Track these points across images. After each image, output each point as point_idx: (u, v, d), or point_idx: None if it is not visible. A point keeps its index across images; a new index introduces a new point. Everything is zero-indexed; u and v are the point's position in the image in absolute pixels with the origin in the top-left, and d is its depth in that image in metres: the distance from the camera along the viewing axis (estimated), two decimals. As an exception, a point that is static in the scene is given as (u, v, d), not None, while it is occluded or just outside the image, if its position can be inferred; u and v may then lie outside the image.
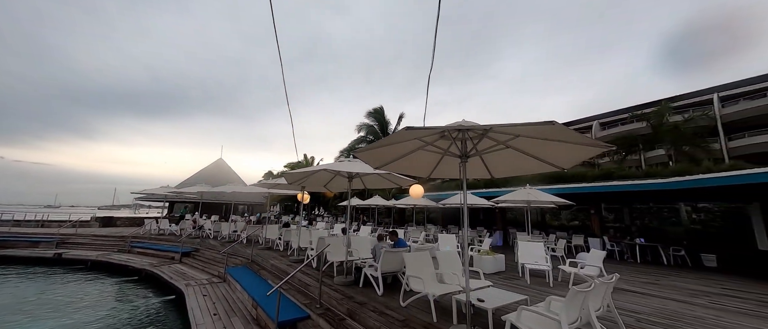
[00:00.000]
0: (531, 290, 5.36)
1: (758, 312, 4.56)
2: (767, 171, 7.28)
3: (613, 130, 28.11)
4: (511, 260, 7.78)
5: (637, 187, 10.51)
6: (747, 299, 5.34)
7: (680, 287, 6.14)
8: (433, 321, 3.59)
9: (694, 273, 8.14)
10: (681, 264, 9.63)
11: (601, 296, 3.19)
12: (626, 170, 15.14)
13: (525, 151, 3.81)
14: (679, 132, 16.27)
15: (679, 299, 5.14)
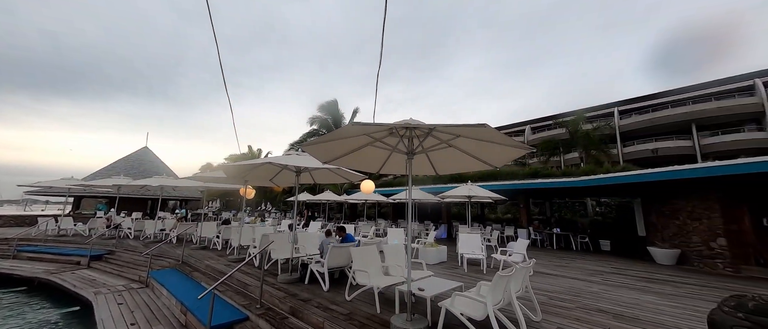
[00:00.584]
0: (467, 277, 5.87)
1: (635, 285, 5.71)
2: (646, 173, 9.11)
3: (541, 134, 32.04)
4: (454, 251, 8.39)
5: (555, 185, 12.17)
6: (628, 275, 6.66)
7: (583, 268, 7.36)
8: (376, 313, 3.70)
9: (594, 256, 9.83)
10: (585, 249, 11.52)
11: (520, 279, 3.65)
12: (549, 170, 17.38)
13: (465, 150, 4.12)
14: (590, 138, 19.33)
15: (581, 278, 6.16)
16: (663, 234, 9.35)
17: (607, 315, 3.91)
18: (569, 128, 20.43)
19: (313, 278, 5.06)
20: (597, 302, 4.45)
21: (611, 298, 4.69)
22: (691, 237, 8.31)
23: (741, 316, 1.84)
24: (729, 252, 7.49)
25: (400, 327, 3.08)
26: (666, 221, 9.27)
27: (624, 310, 4.09)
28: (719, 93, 24.83)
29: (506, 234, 13.14)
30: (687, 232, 8.44)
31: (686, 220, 8.51)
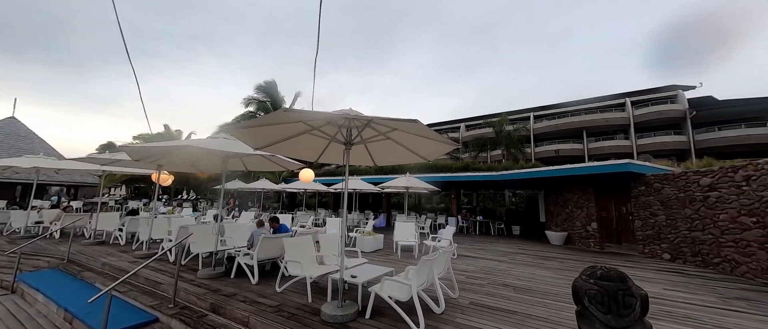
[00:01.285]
0: (400, 263, 6.24)
1: (533, 262, 6.89)
2: (547, 170, 10.93)
3: (473, 132, 35.37)
4: (391, 239, 8.78)
5: (481, 178, 13.66)
6: (529, 254, 7.98)
7: (497, 250, 8.54)
8: (308, 302, 3.68)
9: (507, 239, 11.47)
10: (501, 234, 13.33)
11: (443, 262, 4.06)
12: (478, 165, 19.35)
13: (401, 143, 4.32)
14: (511, 138, 22.18)
15: (494, 259, 7.14)
16: (557, 220, 11.42)
17: (510, 288, 4.65)
18: (495, 128, 23.01)
19: (241, 272, 4.73)
20: (504, 278, 5.24)
21: (515, 274, 5.57)
22: (575, 222, 10.35)
23: (592, 282, 2.39)
24: (599, 233, 9.59)
25: (330, 313, 3.13)
26: (559, 209, 11.32)
27: (523, 283, 4.92)
28: (603, 107, 30.98)
29: (438, 222, 14.31)
30: (572, 218, 10.48)
31: (573, 209, 10.55)
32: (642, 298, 2.28)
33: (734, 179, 5.98)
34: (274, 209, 18.70)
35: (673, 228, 7.44)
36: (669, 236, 7.56)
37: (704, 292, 4.68)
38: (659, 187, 7.94)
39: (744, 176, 5.78)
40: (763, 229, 5.36)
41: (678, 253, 7.29)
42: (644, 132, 27.91)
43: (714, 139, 24.08)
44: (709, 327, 3.32)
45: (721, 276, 5.87)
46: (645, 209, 8.40)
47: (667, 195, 7.70)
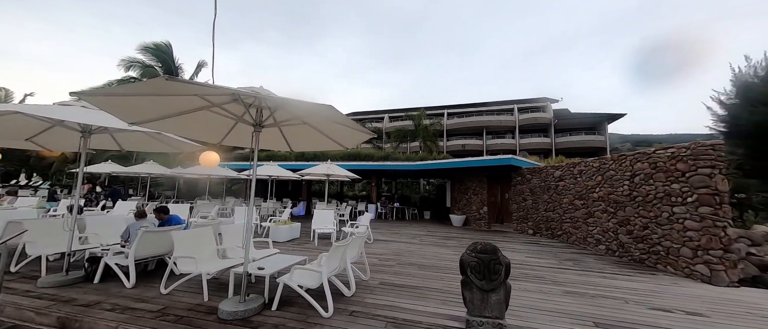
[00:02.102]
0: (316, 251, 6.16)
1: (438, 242, 7.82)
2: (453, 162, 12.47)
3: (396, 123, 37.20)
4: (309, 227, 8.54)
5: (400, 167, 14.55)
6: (436, 236, 9.02)
7: (409, 233, 9.35)
8: (203, 301, 3.27)
9: (419, 223, 12.68)
10: (415, 219, 14.63)
11: (357, 247, 4.20)
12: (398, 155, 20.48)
13: (319, 129, 4.19)
14: (427, 132, 24.28)
15: (406, 241, 7.81)
16: (459, 205, 13.22)
17: (416, 266, 5.18)
18: (415, 122, 24.75)
19: (111, 274, 3.83)
20: (411, 258, 5.80)
21: (421, 254, 6.23)
22: (472, 206, 12.19)
23: (473, 256, 2.88)
24: (488, 215, 11.57)
25: (229, 310, 2.86)
26: (461, 196, 13.12)
27: (427, 262, 5.55)
28: (498, 110, 36.92)
29: (359, 209, 14.67)
30: (470, 203, 12.32)
31: (471, 195, 12.38)
32: (506, 265, 2.87)
33: (573, 172, 8.06)
34: (167, 198, 15.71)
35: (536, 210, 9.60)
36: (533, 216, 9.72)
37: (549, 257, 6.25)
38: (529, 178, 10.06)
39: (578, 170, 7.86)
40: (586, 209, 7.44)
41: (537, 229, 9.46)
42: (524, 133, 34.68)
43: (566, 142, 31.81)
44: (548, 281, 4.45)
45: (562, 244, 7.92)
46: (519, 195, 10.54)
47: (534, 184, 9.82)
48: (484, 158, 11.45)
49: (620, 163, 6.41)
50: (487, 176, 11.89)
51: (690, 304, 3.62)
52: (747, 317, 3.28)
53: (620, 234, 6.29)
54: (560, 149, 31.08)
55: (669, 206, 5.21)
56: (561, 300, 3.64)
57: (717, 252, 4.50)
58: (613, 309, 3.38)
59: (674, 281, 4.59)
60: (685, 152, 5.05)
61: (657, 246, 5.41)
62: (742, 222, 9.48)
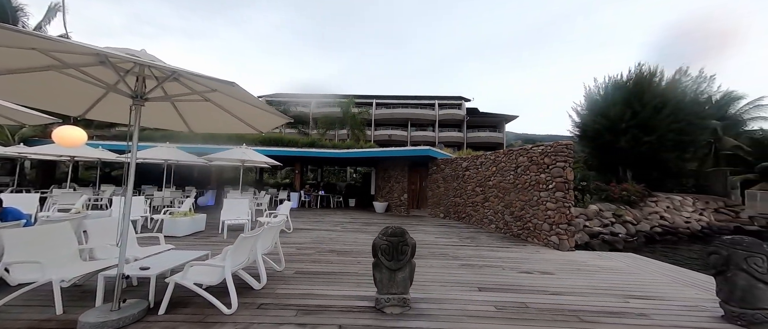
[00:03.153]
0: (224, 244, 5.57)
1: (360, 229, 8.06)
2: (378, 151, 12.93)
3: (324, 110, 36.01)
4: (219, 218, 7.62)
5: (326, 155, 14.25)
6: (358, 222, 9.27)
7: (332, 221, 9.35)
8: (55, 315, 2.59)
9: (344, 211, 12.78)
10: (340, 207, 14.67)
11: (271, 237, 3.98)
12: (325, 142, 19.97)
13: (226, 109, 3.72)
14: (355, 120, 24.33)
15: (329, 229, 7.79)
16: (382, 192, 13.85)
17: (335, 253, 5.24)
18: (343, 109, 24.45)
19: None
20: (331, 245, 5.83)
21: (342, 241, 6.33)
22: (393, 194, 12.94)
23: (384, 239, 3.08)
24: (408, 202, 12.49)
25: (94, 321, 2.34)
26: (385, 183, 13.76)
27: (347, 247, 5.67)
28: (422, 105, 39.64)
29: (280, 198, 13.83)
30: (393, 190, 13.05)
31: (393, 183, 13.11)
32: (412, 246, 3.17)
33: (476, 163, 9.39)
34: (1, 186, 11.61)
35: (447, 196, 10.85)
36: (445, 201, 10.96)
37: (453, 236, 7.20)
38: (443, 168, 11.25)
39: (480, 162, 9.19)
40: (484, 195, 8.80)
41: (448, 213, 10.73)
42: (443, 127, 38.34)
43: (475, 137, 36.61)
44: (450, 256, 5.15)
45: (465, 225, 9.21)
46: (434, 183, 11.70)
47: (446, 173, 11.04)
48: (407, 148, 12.25)
49: (508, 157, 7.77)
50: (409, 165, 12.76)
51: (544, 266, 4.74)
52: (579, 272, 4.48)
53: (506, 215, 7.69)
54: (470, 143, 35.62)
55: (538, 191, 6.62)
56: (457, 272, 4.27)
57: (564, 226, 5.98)
58: (494, 275, 4.16)
59: (537, 250, 5.92)
60: (550, 149, 6.46)
61: (529, 223, 6.84)
62: (583, 203, 12.78)
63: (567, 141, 6.46)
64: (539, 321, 2.79)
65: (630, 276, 4.26)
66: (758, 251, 2.81)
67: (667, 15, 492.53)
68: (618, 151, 17.22)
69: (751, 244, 2.87)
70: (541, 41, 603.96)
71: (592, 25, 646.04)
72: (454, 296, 3.37)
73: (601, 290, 3.67)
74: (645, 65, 17.94)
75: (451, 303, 3.17)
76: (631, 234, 12.11)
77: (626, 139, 16.74)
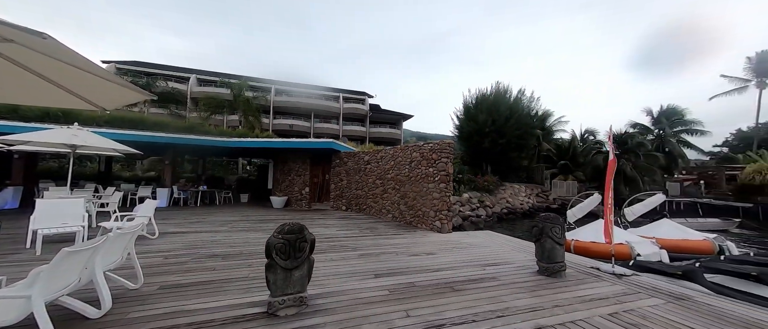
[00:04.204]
0: (36, 262, 3.93)
1: (252, 227, 7.22)
2: (279, 141, 11.92)
3: (207, 89, 30.30)
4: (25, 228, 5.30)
5: (210, 143, 12.06)
6: (250, 220, 8.30)
7: (217, 220, 8.03)
8: None
9: (233, 208, 11.19)
10: (228, 203, 12.77)
11: (120, 247, 3.05)
12: (209, 127, 16.88)
13: (37, 72, 2.58)
14: (250, 105, 21.55)
15: (210, 230, 6.64)
16: (281, 186, 12.86)
17: (218, 258, 4.51)
18: (234, 91, 21.25)
19: None
20: (213, 249, 5.00)
21: (228, 242, 5.51)
22: (294, 187, 12.23)
23: (280, 237, 2.85)
24: (309, 196, 12.05)
25: None
26: (284, 177, 12.82)
27: (234, 250, 4.97)
28: (327, 96, 38.89)
29: (140, 196, 10.87)
30: (293, 184, 12.31)
31: (294, 176, 12.37)
32: (311, 242, 3.05)
33: (376, 158, 9.92)
34: None
35: (349, 189, 11.06)
36: (347, 194, 11.14)
37: (353, 227, 7.42)
38: (346, 161, 11.38)
39: (380, 156, 9.76)
40: (383, 187, 9.42)
41: (350, 205, 10.96)
42: (347, 121, 38.78)
43: (377, 132, 38.70)
44: (349, 248, 5.27)
45: (366, 216, 9.62)
46: (337, 176, 11.71)
47: (350, 166, 11.22)
48: (310, 140, 11.74)
49: (404, 152, 8.56)
50: (312, 158, 12.29)
51: (429, 248, 5.48)
52: (453, 250, 5.38)
53: (401, 205, 8.48)
54: (372, 138, 37.44)
55: (427, 183, 7.58)
56: (355, 262, 4.41)
57: (445, 212, 7.07)
58: (389, 261, 4.51)
59: (424, 234, 6.79)
60: (437, 147, 7.48)
61: (419, 211, 7.76)
62: (458, 192, 15.49)
63: (449, 140, 7.62)
64: (423, 296, 3.20)
65: (487, 249, 5.44)
66: (557, 223, 4.07)
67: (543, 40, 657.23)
68: (483, 150, 21.66)
69: (554, 218, 4.12)
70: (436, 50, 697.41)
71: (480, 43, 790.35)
72: (351, 286, 3.46)
73: (468, 262, 4.54)
74: (501, 84, 23.11)
75: (347, 293, 3.24)
76: (489, 215, 15.53)
77: (488, 140, 21.23)
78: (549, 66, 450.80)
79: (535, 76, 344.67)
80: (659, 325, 2.65)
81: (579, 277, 3.91)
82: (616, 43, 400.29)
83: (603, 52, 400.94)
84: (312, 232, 3.06)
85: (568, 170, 25.11)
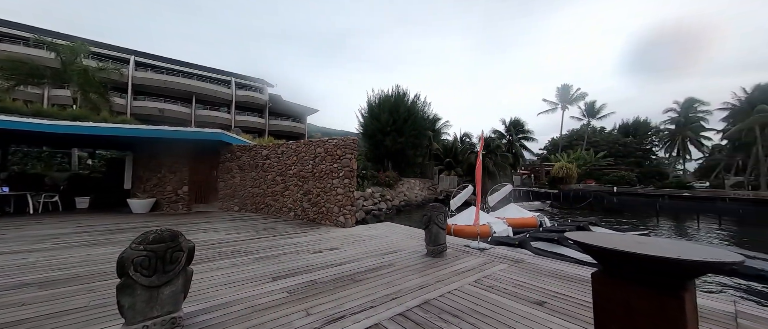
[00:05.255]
0: None
1: (96, 240, 5.43)
2: (141, 129, 9.35)
3: (9, 46, 20.82)
4: None
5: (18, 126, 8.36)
6: (94, 231, 6.22)
7: (28, 236, 5.65)
8: None
9: (62, 216, 8.12)
10: (52, 210, 9.19)
11: None
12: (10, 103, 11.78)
13: None
14: (91, 78, 16.00)
15: (16, 250, 4.61)
16: (145, 186, 10.18)
17: (34, 287, 3.19)
18: (63, 57, 15.39)
19: None
20: (24, 275, 3.50)
21: (51, 264, 3.96)
22: (166, 187, 9.90)
23: (142, 248, 2.25)
24: (188, 196, 10.00)
25: None
26: (150, 174, 10.19)
27: (60, 274, 3.61)
28: (213, 79, 33.18)
29: None
30: (165, 183, 9.94)
31: (166, 173, 10.00)
32: (189, 250, 2.54)
33: (277, 152, 9.15)
34: None
35: (243, 186, 9.80)
36: (240, 193, 9.83)
37: (249, 230, 6.63)
38: (239, 155, 10.02)
39: (281, 151, 9.05)
40: (284, 184, 8.78)
41: (244, 205, 9.72)
42: (241, 110, 34.22)
43: (278, 125, 35.75)
44: (243, 252, 4.68)
45: (264, 216, 8.75)
46: (228, 172, 10.18)
47: (244, 161, 9.92)
48: (190, 130, 9.73)
49: (308, 147, 8.22)
50: (193, 151, 10.23)
51: (333, 243, 5.47)
52: (356, 243, 5.54)
53: (304, 202, 8.12)
54: (272, 131, 34.32)
55: (331, 179, 7.52)
56: (250, 268, 3.96)
57: (349, 207, 7.21)
58: (289, 262, 4.25)
59: (328, 230, 6.73)
60: (341, 143, 7.52)
61: (323, 207, 7.63)
62: (362, 188, 16.10)
63: (354, 137, 7.80)
64: (325, 292, 3.17)
65: (386, 239, 5.87)
66: (441, 211, 4.78)
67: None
68: (385, 147, 23.21)
69: (439, 208, 4.82)
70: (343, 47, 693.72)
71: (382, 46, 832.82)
72: (246, 294, 3.09)
73: (369, 253, 4.78)
74: (401, 87, 25.27)
75: (240, 302, 2.88)
76: (389, 208, 16.81)
77: (389, 139, 22.89)
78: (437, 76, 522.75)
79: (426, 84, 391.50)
80: (505, 284, 3.50)
81: (456, 255, 4.72)
82: (492, 62, 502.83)
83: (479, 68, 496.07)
84: (192, 239, 2.56)
85: (451, 166, 29.87)
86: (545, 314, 2.73)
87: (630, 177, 30.09)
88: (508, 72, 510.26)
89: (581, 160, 34.75)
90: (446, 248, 4.75)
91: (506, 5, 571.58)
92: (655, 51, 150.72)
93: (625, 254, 1.78)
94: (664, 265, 1.66)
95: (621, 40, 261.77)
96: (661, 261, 1.65)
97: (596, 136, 43.87)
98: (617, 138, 41.98)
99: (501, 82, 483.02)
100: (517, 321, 2.60)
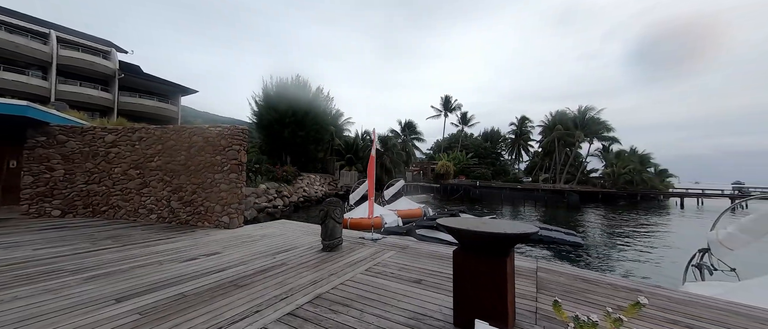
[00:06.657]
0: None
1: None
2: None
3: None
4: None
5: None
6: None
7: None
8: None
9: None
10: None
11: None
12: None
13: None
14: None
15: None
16: None
17: None
18: None
19: None
20: None
21: None
22: None
23: None
24: (-45, 197, 6.52)
25: None
26: None
27: None
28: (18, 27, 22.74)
29: None
30: None
31: None
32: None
33: (131, 138, 7.12)
34: None
35: (71, 182, 7.16)
36: (64, 191, 7.14)
37: (80, 240, 4.93)
38: (64, 140, 7.25)
39: (138, 137, 7.09)
40: (142, 179, 6.93)
41: (70, 207, 7.11)
42: (70, 78, 24.78)
43: (135, 104, 27.74)
44: (66, 272, 3.45)
45: (105, 221, 6.65)
46: (41, 163, 7.20)
47: (71, 148, 7.24)
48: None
49: (180, 135, 6.76)
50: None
51: (213, 247, 4.72)
52: (243, 245, 4.96)
53: (172, 201, 6.65)
54: (126, 111, 26.34)
55: (212, 174, 6.44)
56: (78, 290, 2.96)
57: (235, 205, 6.37)
58: (146, 276, 3.41)
59: (207, 233, 5.76)
60: (227, 132, 6.54)
61: (200, 207, 6.46)
62: (255, 183, 14.52)
63: (244, 126, 6.92)
64: (197, 305, 2.72)
65: (280, 238, 5.52)
66: (338, 205, 4.87)
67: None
68: (283, 140, 21.62)
69: (335, 202, 4.90)
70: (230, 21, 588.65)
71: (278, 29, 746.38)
72: (66, 325, 2.30)
73: (259, 254, 4.39)
74: (301, 77, 24.07)
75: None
76: (286, 205, 15.82)
77: (289, 131, 21.48)
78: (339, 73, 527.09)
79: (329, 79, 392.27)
80: (392, 268, 3.91)
81: (351, 247, 4.92)
82: (392, 67, 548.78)
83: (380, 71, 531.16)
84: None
85: (352, 162, 30.64)
86: (421, 289, 3.21)
87: (486, 175, 38.66)
88: (405, 77, 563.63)
89: (457, 159, 42.15)
90: (342, 241, 4.87)
91: (406, 12, 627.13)
92: (507, 80, 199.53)
93: (473, 233, 2.31)
94: (495, 239, 2.25)
95: (489, 70, 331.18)
96: (494, 236, 2.23)
97: (467, 140, 54.03)
98: (480, 142, 52.96)
99: (397, 85, 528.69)
100: (398, 300, 2.95)
